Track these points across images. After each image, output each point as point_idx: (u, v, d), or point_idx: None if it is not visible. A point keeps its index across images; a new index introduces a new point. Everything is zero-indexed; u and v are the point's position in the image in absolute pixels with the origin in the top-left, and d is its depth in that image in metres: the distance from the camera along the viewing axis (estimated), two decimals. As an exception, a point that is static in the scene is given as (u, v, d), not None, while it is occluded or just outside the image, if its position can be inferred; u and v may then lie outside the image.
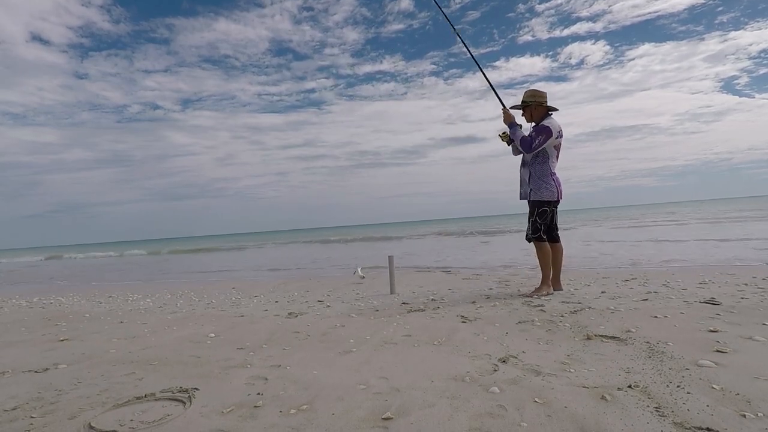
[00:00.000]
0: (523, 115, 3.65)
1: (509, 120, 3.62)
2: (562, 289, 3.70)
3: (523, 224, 3.92)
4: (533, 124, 3.59)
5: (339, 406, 1.48)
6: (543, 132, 3.46)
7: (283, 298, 4.33)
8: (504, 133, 3.70)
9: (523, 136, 3.51)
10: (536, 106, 3.56)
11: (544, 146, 3.45)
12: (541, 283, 3.62)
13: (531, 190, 3.54)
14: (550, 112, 3.60)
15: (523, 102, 3.60)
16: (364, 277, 3.44)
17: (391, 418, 1.36)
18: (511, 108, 3.67)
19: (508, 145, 3.75)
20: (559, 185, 3.58)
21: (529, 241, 3.67)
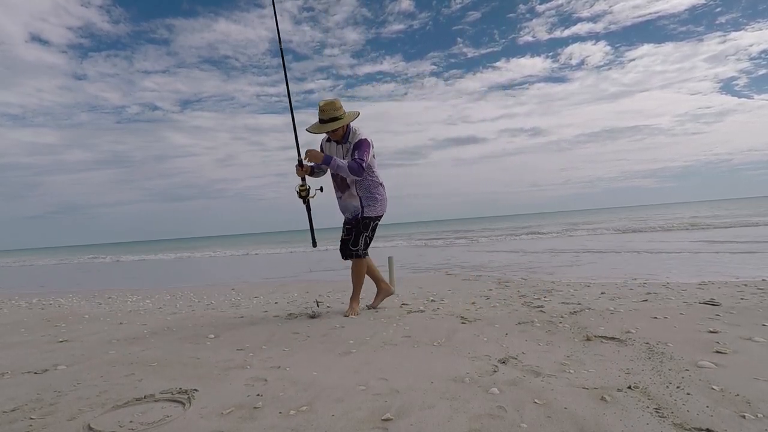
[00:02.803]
0: (330, 138, 3.13)
1: (320, 158, 2.97)
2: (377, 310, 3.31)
3: (520, 225, 3.55)
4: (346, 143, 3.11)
5: (339, 407, 1.48)
6: (365, 147, 3.02)
7: (283, 299, 4.33)
8: (302, 186, 3.05)
9: (349, 164, 2.96)
10: (346, 118, 3.06)
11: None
12: (353, 300, 3.28)
13: (363, 207, 3.14)
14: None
15: (333, 119, 3.01)
16: (319, 307, 3.18)
17: (391, 419, 1.36)
18: (313, 131, 3.09)
19: (306, 200, 3.07)
20: (386, 197, 3.25)
21: (356, 257, 3.21)
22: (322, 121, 3.06)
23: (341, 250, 3.32)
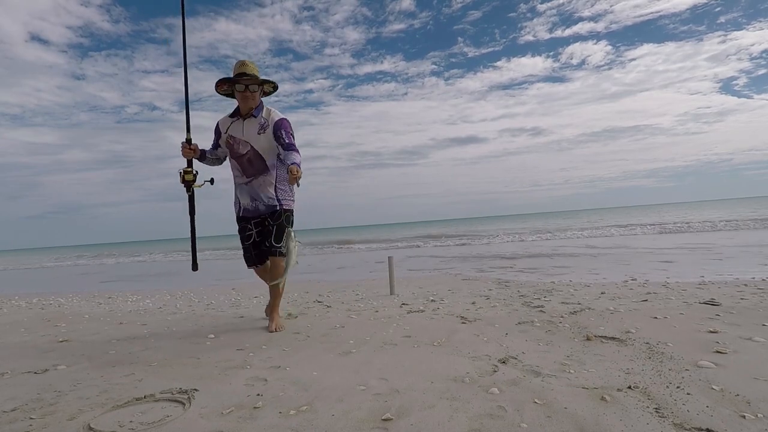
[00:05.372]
0: (236, 113, 2.72)
1: (300, 174, 2.39)
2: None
3: (520, 225, 3.29)
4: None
5: (339, 407, 1.48)
6: (290, 128, 2.68)
7: (283, 299, 4.32)
8: (189, 170, 2.61)
9: (293, 153, 2.55)
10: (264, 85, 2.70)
11: None
12: (275, 310, 2.84)
13: (279, 198, 2.73)
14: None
15: (252, 76, 2.60)
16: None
17: (391, 419, 1.36)
18: (244, 82, 2.59)
19: (191, 187, 2.62)
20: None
21: (280, 255, 2.71)
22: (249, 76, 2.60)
23: (252, 253, 2.81)
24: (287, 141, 2.61)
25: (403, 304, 3.56)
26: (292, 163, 2.41)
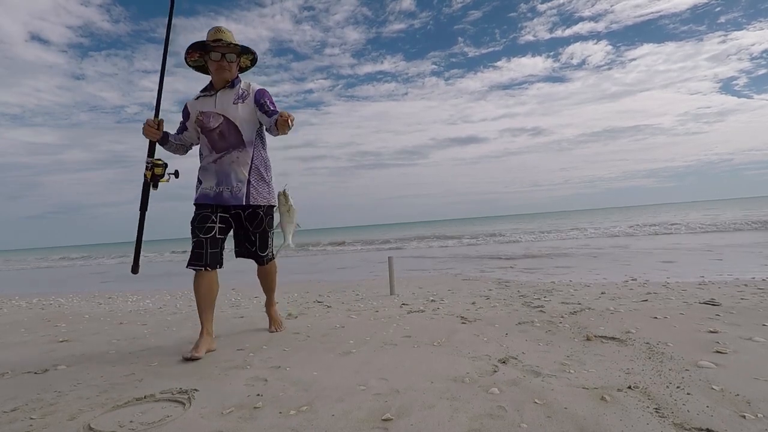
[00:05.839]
0: (209, 87, 2.41)
1: (292, 120, 2.16)
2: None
3: (520, 226, 3.11)
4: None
5: (339, 407, 1.48)
6: (271, 96, 2.40)
7: (283, 299, 4.33)
8: (158, 161, 2.24)
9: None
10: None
11: None
12: (273, 307, 2.80)
13: (251, 188, 2.35)
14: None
15: (232, 44, 2.30)
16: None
17: (391, 419, 1.36)
18: (223, 50, 2.29)
19: (157, 182, 2.24)
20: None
21: (270, 260, 2.60)
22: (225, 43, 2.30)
23: (207, 250, 2.26)
24: (272, 108, 2.32)
25: (403, 304, 3.56)
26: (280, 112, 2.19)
